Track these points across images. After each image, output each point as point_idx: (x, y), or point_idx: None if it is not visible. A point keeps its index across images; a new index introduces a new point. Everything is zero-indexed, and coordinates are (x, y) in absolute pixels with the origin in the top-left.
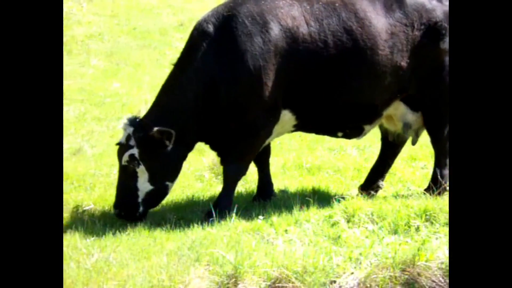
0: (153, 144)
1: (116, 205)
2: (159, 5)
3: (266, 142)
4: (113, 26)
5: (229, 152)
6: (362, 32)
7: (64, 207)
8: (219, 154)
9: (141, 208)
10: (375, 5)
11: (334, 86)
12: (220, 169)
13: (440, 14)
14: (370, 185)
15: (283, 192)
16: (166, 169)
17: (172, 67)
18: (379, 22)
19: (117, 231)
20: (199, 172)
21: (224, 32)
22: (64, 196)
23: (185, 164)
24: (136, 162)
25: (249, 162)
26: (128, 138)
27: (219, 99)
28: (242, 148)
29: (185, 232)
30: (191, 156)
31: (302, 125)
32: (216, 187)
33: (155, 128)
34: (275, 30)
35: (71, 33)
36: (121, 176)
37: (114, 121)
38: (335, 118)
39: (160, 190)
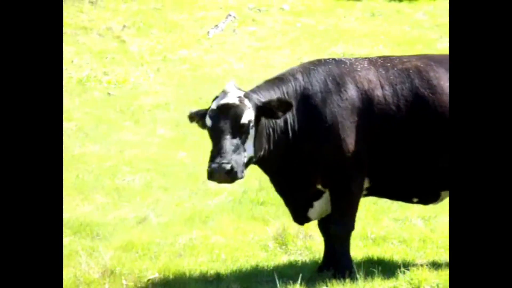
0: (264, 113)
1: (227, 159)
2: (224, 75)
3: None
4: (180, 96)
5: (298, 206)
6: (434, 98)
7: (129, 275)
8: (286, 202)
9: (244, 169)
10: None
11: (406, 151)
12: (285, 238)
13: None
14: None
15: None
16: (260, 146)
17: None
18: None
19: None
20: (263, 242)
21: (308, 85)
22: (129, 264)
23: (250, 233)
24: (253, 123)
25: (354, 216)
26: (241, 99)
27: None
28: (343, 204)
29: None
30: (255, 225)
31: (376, 189)
32: (280, 257)
33: (276, 96)
34: (352, 90)
35: (139, 102)
36: (231, 134)
37: (180, 191)
38: (409, 183)
39: (251, 161)
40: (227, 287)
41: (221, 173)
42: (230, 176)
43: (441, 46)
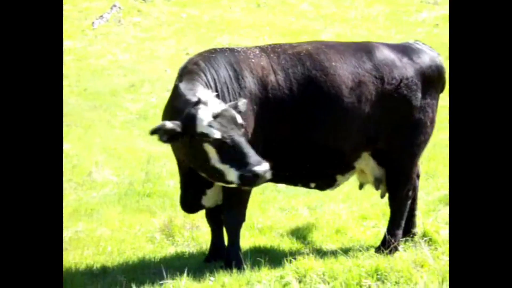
0: None
1: (263, 163)
2: (109, 67)
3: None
4: (64, 88)
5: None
6: (326, 79)
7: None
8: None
9: None
10: (343, 55)
11: (302, 135)
12: (172, 230)
13: (411, 71)
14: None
15: None
16: None
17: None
18: (345, 70)
19: None
20: (150, 234)
21: (210, 73)
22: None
23: (136, 225)
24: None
25: (245, 208)
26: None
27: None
28: (236, 196)
29: None
30: (141, 217)
31: (274, 174)
32: (167, 248)
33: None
34: (249, 78)
35: None
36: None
37: (65, 183)
38: (304, 165)
39: None
40: (113, 279)
41: (267, 175)
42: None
43: (325, 36)
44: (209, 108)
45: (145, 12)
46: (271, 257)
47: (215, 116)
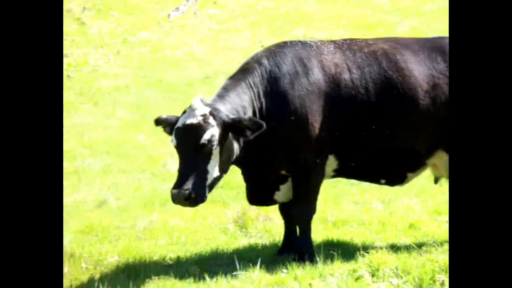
0: (232, 129)
1: (186, 186)
2: (185, 58)
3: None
4: (139, 79)
5: (263, 195)
6: (402, 81)
7: (88, 259)
8: (252, 190)
9: (207, 192)
10: (418, 56)
11: (374, 134)
12: (245, 221)
13: None
14: None
15: None
16: (229, 160)
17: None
18: (421, 73)
19: (141, 283)
20: (223, 225)
21: (275, 69)
22: (88, 248)
23: (209, 217)
24: (216, 142)
25: (315, 200)
26: (205, 117)
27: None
28: (304, 189)
29: (208, 285)
30: (214, 208)
31: (343, 170)
32: (240, 240)
33: (248, 116)
34: (318, 75)
35: (98, 85)
36: (192, 157)
37: (140, 173)
38: (376, 165)
39: (219, 179)
40: (186, 270)
41: (181, 200)
42: (189, 202)
43: (401, 30)
44: (186, 116)
45: (221, 4)
46: (344, 250)
47: (182, 127)
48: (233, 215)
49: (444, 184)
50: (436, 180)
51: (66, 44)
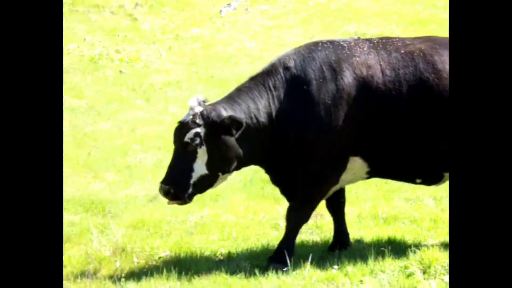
0: (221, 129)
1: (167, 181)
2: (236, 54)
3: (333, 190)
4: (191, 74)
5: (293, 198)
6: (438, 83)
7: (140, 253)
8: (281, 192)
9: (190, 190)
10: None
11: (408, 135)
12: None
13: None
14: None
15: (359, 242)
16: (224, 160)
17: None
18: None
19: (192, 278)
20: (275, 221)
21: (301, 73)
22: (140, 243)
23: (260, 212)
24: (200, 141)
25: (313, 210)
26: (194, 117)
27: (286, 137)
28: (306, 196)
29: (259, 281)
30: (266, 204)
31: (377, 172)
32: None
33: (228, 114)
34: (348, 78)
35: (150, 81)
36: (179, 154)
37: None
38: (411, 165)
39: (211, 178)
40: (237, 265)
41: (162, 194)
42: (169, 197)
43: None
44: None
45: (272, 0)
46: (395, 247)
47: (177, 126)
48: (284, 211)
49: None
50: None
51: (118, 40)
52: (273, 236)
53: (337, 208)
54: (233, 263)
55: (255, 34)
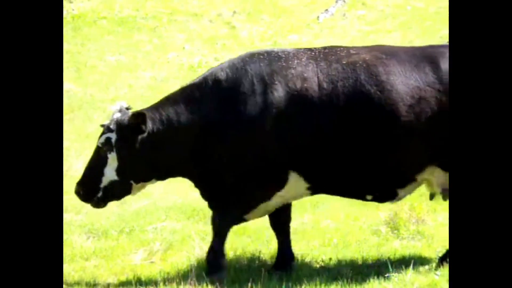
0: (130, 130)
1: (79, 182)
2: None
3: (274, 206)
4: None
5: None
6: (380, 96)
7: (242, 258)
8: (204, 198)
9: (100, 194)
10: (404, 67)
11: (349, 151)
12: (397, 223)
13: None
14: None
15: None
16: (136, 169)
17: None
18: (405, 85)
19: (294, 285)
20: (376, 227)
21: (231, 86)
22: (242, 249)
23: (361, 218)
24: (110, 147)
25: (236, 219)
26: (110, 122)
27: (213, 148)
28: (230, 208)
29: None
30: (365, 209)
31: (319, 188)
32: (392, 242)
33: (130, 112)
34: (280, 92)
35: None
36: (93, 157)
37: None
38: (356, 181)
39: (123, 186)
40: (338, 272)
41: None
42: (80, 198)
43: None
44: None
45: (370, 5)
46: None
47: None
48: (385, 217)
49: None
50: (431, 197)
51: (217, 48)
52: (374, 242)
53: (280, 226)
54: (334, 269)
55: (353, 40)
